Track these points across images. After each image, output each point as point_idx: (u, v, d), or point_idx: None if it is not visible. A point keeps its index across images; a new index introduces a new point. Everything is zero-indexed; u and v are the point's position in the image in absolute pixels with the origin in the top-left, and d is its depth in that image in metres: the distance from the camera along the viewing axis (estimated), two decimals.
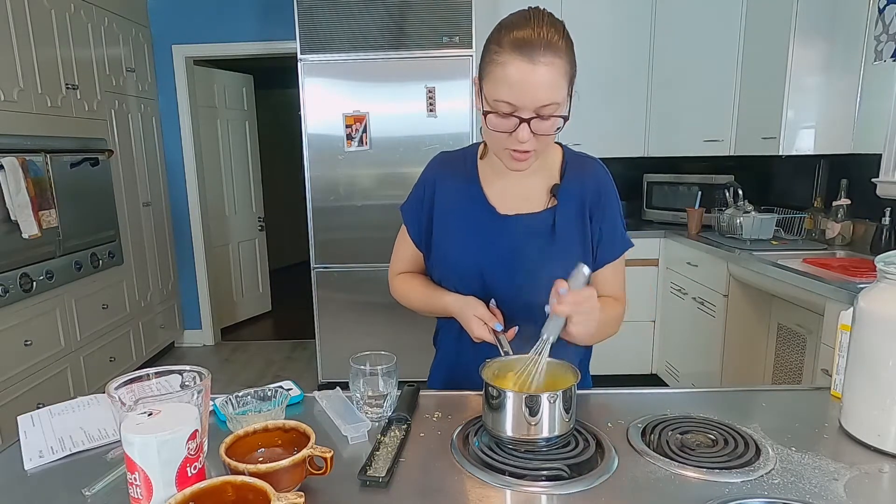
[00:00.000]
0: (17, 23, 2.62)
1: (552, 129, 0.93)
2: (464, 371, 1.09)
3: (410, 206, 1.17)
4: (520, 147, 0.94)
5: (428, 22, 3.02)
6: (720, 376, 2.72)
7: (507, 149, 0.97)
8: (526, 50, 0.89)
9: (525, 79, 0.89)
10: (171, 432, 0.66)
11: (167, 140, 4.05)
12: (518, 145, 0.94)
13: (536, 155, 0.97)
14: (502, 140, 0.96)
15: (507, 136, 0.94)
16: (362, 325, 3.33)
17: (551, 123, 0.93)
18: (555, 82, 0.90)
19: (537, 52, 0.88)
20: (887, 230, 2.40)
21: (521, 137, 0.93)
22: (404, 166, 3.16)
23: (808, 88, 2.61)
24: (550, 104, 0.91)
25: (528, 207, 1.08)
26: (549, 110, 0.91)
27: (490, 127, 0.95)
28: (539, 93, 0.90)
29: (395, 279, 1.23)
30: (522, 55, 0.89)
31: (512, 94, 0.90)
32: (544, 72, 0.89)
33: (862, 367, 0.88)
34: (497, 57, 0.91)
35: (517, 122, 0.92)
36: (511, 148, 0.96)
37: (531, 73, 0.89)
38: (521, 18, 0.93)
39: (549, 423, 0.83)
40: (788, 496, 0.73)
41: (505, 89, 0.91)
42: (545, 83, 0.90)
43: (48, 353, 2.79)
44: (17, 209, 2.50)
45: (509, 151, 0.97)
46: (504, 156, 0.99)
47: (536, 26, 0.90)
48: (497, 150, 1.00)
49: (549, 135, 0.94)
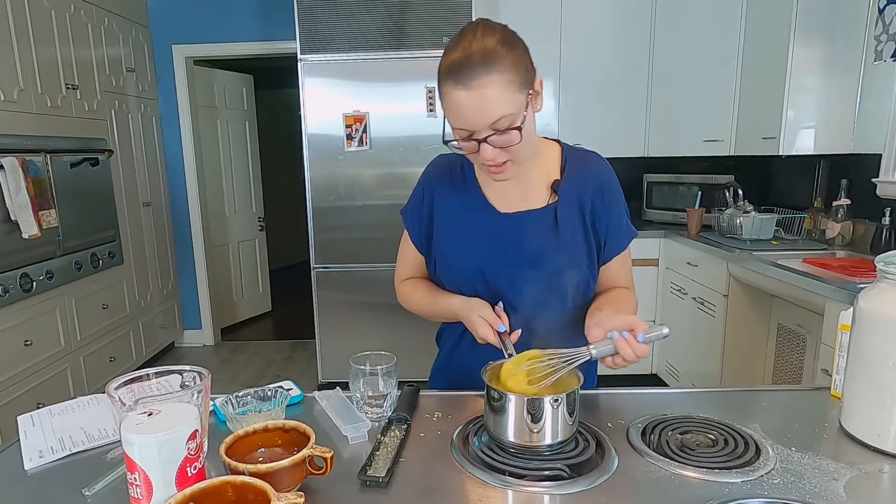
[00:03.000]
0: (17, 23, 2.62)
1: (514, 140, 0.92)
2: (466, 371, 1.09)
3: (411, 211, 1.17)
4: (489, 163, 0.95)
5: (428, 22, 3.02)
6: (720, 376, 2.72)
7: (482, 164, 0.97)
8: (460, 76, 0.88)
9: (467, 104, 0.89)
10: (171, 432, 0.66)
11: (167, 140, 4.05)
12: (487, 162, 0.95)
13: (514, 162, 0.97)
14: (474, 158, 0.97)
15: (477, 154, 0.95)
16: (362, 325, 3.33)
17: (511, 135, 0.92)
18: (498, 98, 0.88)
19: (470, 75, 0.87)
20: (887, 230, 2.40)
21: (485, 157, 0.93)
22: (404, 166, 3.16)
23: (808, 88, 2.61)
24: (501, 118, 0.90)
25: (528, 205, 1.08)
26: (503, 124, 0.90)
27: (459, 150, 0.96)
28: (484, 114, 0.89)
29: (402, 286, 1.22)
30: (457, 82, 0.88)
31: (460, 121, 0.91)
32: (483, 94, 0.88)
33: (862, 367, 0.88)
34: (441, 87, 0.92)
35: (476, 143, 0.92)
36: (484, 164, 0.97)
37: (470, 98, 0.88)
38: (454, 39, 0.92)
39: (552, 428, 0.82)
40: (788, 496, 0.73)
41: (455, 118, 0.92)
42: (487, 104, 0.88)
43: (48, 353, 2.79)
44: (17, 209, 2.50)
45: (486, 167, 0.97)
46: (484, 170, 1.00)
47: (467, 45, 0.89)
48: (477, 166, 1.02)
49: (513, 145, 0.93)
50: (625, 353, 0.88)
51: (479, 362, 0.93)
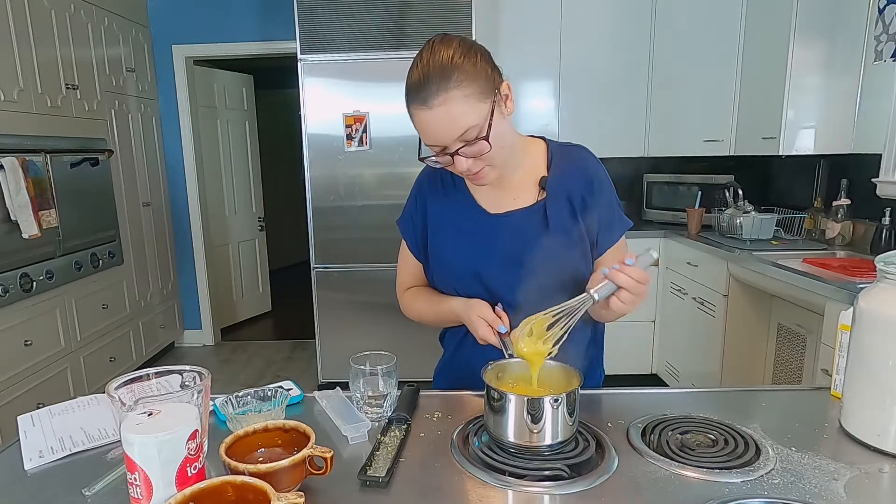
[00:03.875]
0: (17, 23, 2.62)
1: (484, 149, 0.94)
2: (469, 371, 1.09)
3: (406, 219, 1.19)
4: (466, 174, 0.98)
5: (428, 22, 3.02)
6: (720, 376, 2.72)
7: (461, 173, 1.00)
8: (419, 95, 0.90)
9: (430, 122, 0.91)
10: (171, 432, 0.66)
11: (167, 140, 4.05)
12: (464, 173, 0.98)
13: (492, 166, 0.99)
14: (453, 169, 0.99)
15: (452, 167, 0.97)
16: (362, 325, 3.33)
17: (480, 145, 0.93)
18: (460, 112, 0.90)
19: (430, 93, 0.89)
20: (887, 230, 2.40)
21: (460, 168, 0.96)
22: (404, 166, 3.16)
23: (808, 88, 2.61)
24: (468, 130, 0.91)
25: (518, 204, 1.08)
26: (470, 135, 0.92)
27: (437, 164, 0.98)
28: (449, 130, 0.91)
29: (404, 296, 1.23)
30: (418, 102, 0.91)
31: (430, 138, 0.94)
32: (444, 111, 0.90)
33: (862, 367, 0.88)
34: (407, 108, 0.94)
35: (450, 157, 0.95)
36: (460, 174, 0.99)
37: (433, 116, 0.90)
38: (414, 60, 0.94)
39: (552, 428, 0.82)
40: (788, 496, 0.73)
41: (423, 135, 0.95)
42: (450, 119, 0.90)
43: (48, 353, 2.79)
44: (17, 209, 2.50)
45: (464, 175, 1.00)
46: (466, 178, 1.03)
47: (424, 64, 0.91)
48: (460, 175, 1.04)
49: (484, 153, 0.94)
50: (620, 280, 0.88)
51: (481, 362, 0.93)
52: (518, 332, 0.90)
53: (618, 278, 0.88)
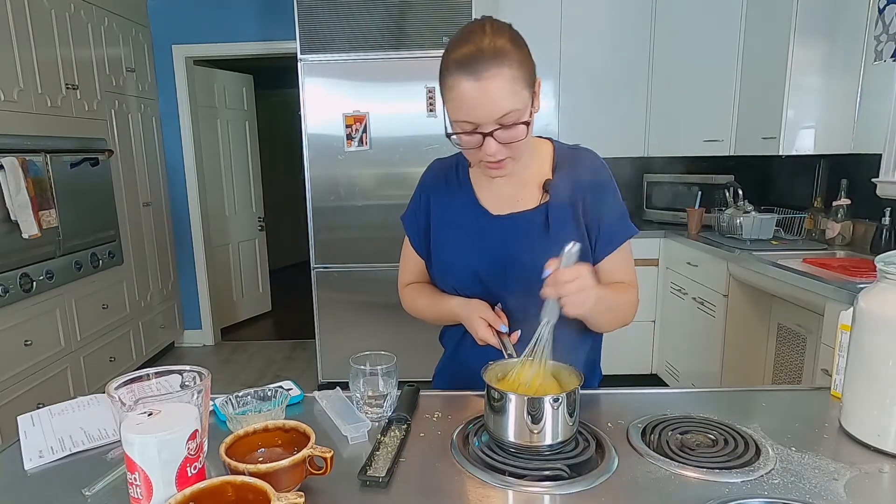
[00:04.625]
0: (17, 23, 2.62)
1: (519, 135, 0.93)
2: (469, 372, 1.09)
3: (410, 216, 1.18)
4: (491, 159, 0.95)
5: (428, 22, 3.02)
6: (720, 376, 2.72)
7: (481, 161, 0.97)
8: (469, 67, 0.88)
9: (476, 96, 0.89)
10: (171, 432, 0.66)
11: (167, 140, 4.05)
12: (489, 158, 0.95)
13: (513, 160, 0.97)
14: (474, 154, 0.97)
15: (477, 150, 0.95)
16: (362, 325, 3.33)
17: (517, 131, 0.92)
18: (507, 91, 0.89)
19: (481, 66, 0.88)
20: (887, 230, 2.40)
21: (488, 151, 0.93)
22: (404, 166, 3.16)
23: (808, 88, 2.61)
24: (509, 113, 0.90)
25: (520, 206, 1.08)
26: (510, 118, 0.91)
27: (460, 146, 0.96)
28: (493, 106, 0.90)
29: (404, 291, 1.23)
30: (467, 73, 0.88)
31: (468, 113, 0.91)
32: (493, 85, 0.88)
33: (862, 367, 0.88)
34: (447, 81, 0.92)
35: (481, 137, 0.92)
36: (484, 160, 0.96)
37: (480, 89, 0.88)
38: (463, 34, 0.93)
39: (553, 428, 0.82)
40: (788, 496, 0.73)
41: (461, 110, 0.91)
42: (497, 96, 0.89)
43: (48, 353, 2.79)
44: (17, 209, 2.50)
45: (484, 163, 0.97)
46: (482, 167, 1.00)
47: (477, 40, 0.89)
48: (474, 162, 1.01)
49: (517, 141, 0.94)
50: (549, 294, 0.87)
51: (481, 362, 0.93)
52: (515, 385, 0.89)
53: (547, 294, 0.88)
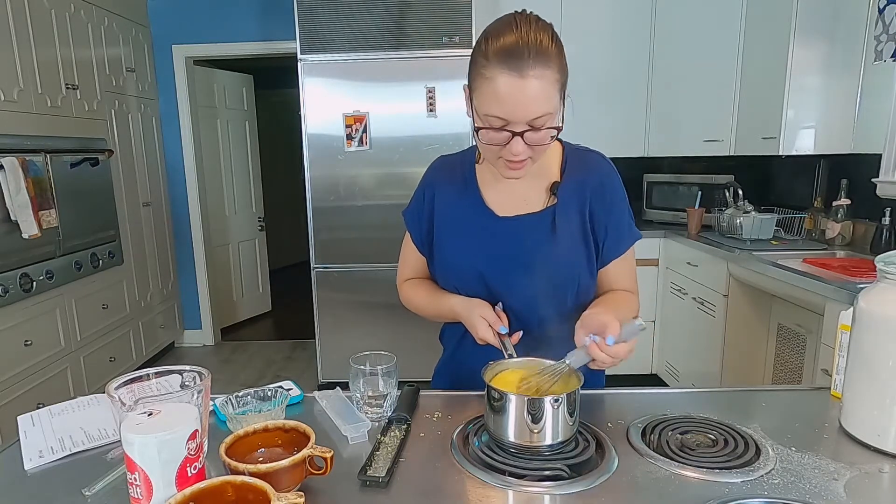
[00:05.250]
0: (17, 23, 2.62)
1: (546, 138, 0.91)
2: (469, 371, 1.09)
3: (412, 212, 1.17)
4: (514, 158, 0.92)
5: (428, 22, 3.02)
6: (720, 376, 2.72)
7: (501, 158, 0.95)
8: (513, 62, 0.85)
9: (515, 93, 0.86)
10: (171, 432, 0.66)
11: (167, 140, 4.05)
12: (512, 157, 0.92)
13: (532, 161, 0.96)
14: (496, 151, 0.94)
15: (501, 147, 0.92)
16: (362, 325, 3.33)
17: (545, 133, 0.90)
18: (546, 93, 0.87)
19: (526, 63, 0.84)
20: (887, 230, 2.40)
21: (515, 151, 0.91)
22: (404, 166, 3.16)
23: (808, 88, 2.61)
24: (543, 115, 0.88)
25: (527, 208, 1.07)
26: (542, 121, 0.89)
27: (483, 141, 0.93)
28: (531, 106, 0.87)
29: (403, 286, 1.22)
30: (510, 68, 0.85)
31: (502, 109, 0.87)
32: (535, 85, 0.85)
33: (862, 367, 0.88)
34: (484, 71, 0.88)
35: (510, 135, 0.89)
36: (506, 158, 0.94)
37: (521, 86, 0.85)
38: (507, 25, 0.89)
39: (553, 428, 0.82)
40: (788, 496, 0.73)
41: (495, 105, 0.88)
42: (536, 96, 0.86)
43: (48, 353, 2.79)
44: (17, 209, 2.50)
45: (504, 161, 0.95)
46: (499, 165, 0.97)
47: (523, 34, 0.86)
48: (491, 159, 0.98)
49: (544, 144, 0.92)
50: (597, 356, 0.87)
51: (481, 362, 0.92)
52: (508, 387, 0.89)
53: (595, 354, 0.87)
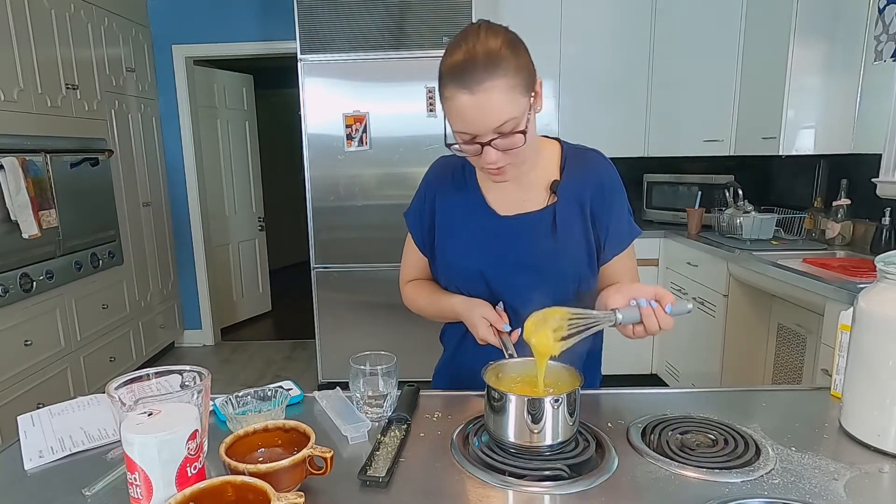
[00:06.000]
0: (17, 23, 2.62)
1: (517, 143, 0.92)
2: (469, 371, 1.09)
3: (413, 213, 1.18)
4: (491, 166, 0.94)
5: (428, 22, 3.02)
6: (720, 376, 2.72)
7: (482, 167, 0.97)
8: (464, 79, 0.86)
9: (471, 109, 0.88)
10: (171, 432, 0.66)
11: (167, 140, 4.05)
12: (489, 166, 0.94)
13: (515, 165, 0.97)
14: (476, 161, 0.97)
15: (478, 157, 0.94)
16: (362, 325, 3.33)
17: (515, 139, 0.91)
18: (503, 101, 0.88)
19: (474, 78, 0.86)
20: (887, 230, 2.40)
21: (488, 160, 0.93)
22: (404, 166, 3.16)
23: (808, 88, 2.61)
24: (506, 122, 0.89)
25: (527, 207, 1.08)
26: (507, 127, 0.90)
27: (460, 154, 0.96)
28: (489, 118, 0.88)
29: (406, 288, 1.23)
30: (461, 85, 0.87)
31: (465, 125, 0.90)
32: (489, 97, 0.86)
33: (862, 367, 0.88)
34: (444, 90, 0.90)
35: (479, 147, 0.91)
36: (485, 168, 0.96)
37: (475, 102, 0.87)
38: (457, 42, 0.91)
39: (553, 428, 0.82)
40: (788, 496, 0.73)
41: (458, 121, 0.90)
42: (493, 107, 0.87)
43: (48, 353, 2.79)
44: (17, 209, 2.50)
45: (486, 169, 0.97)
46: (485, 172, 1.00)
47: (470, 48, 0.88)
48: (478, 168, 1.01)
49: (517, 148, 0.93)
50: (649, 323, 0.87)
51: (482, 362, 0.92)
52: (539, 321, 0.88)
53: (648, 320, 0.87)
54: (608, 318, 0.88)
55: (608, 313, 0.88)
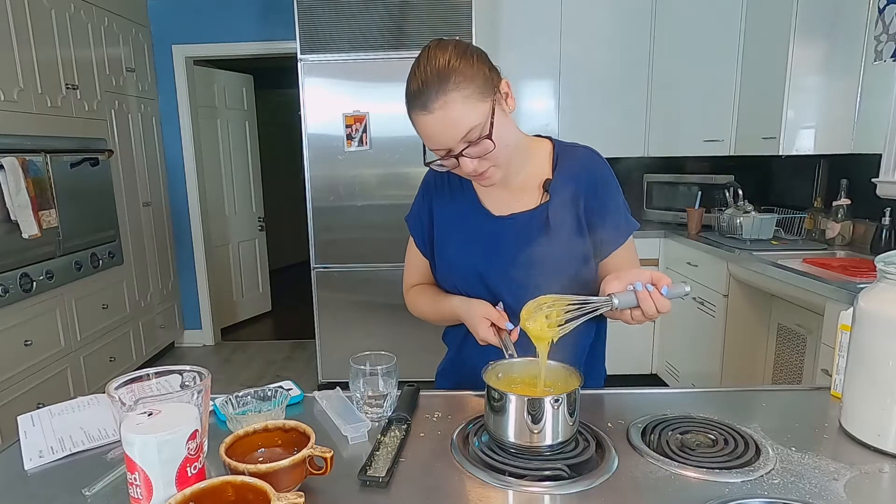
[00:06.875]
0: (17, 23, 2.62)
1: (488, 147, 0.94)
2: (471, 371, 1.10)
3: (413, 216, 1.19)
4: (473, 174, 0.98)
5: (428, 22, 3.02)
6: (720, 376, 2.72)
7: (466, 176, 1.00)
8: (420, 100, 0.91)
9: (433, 127, 0.92)
10: (171, 432, 0.66)
11: (167, 140, 4.05)
12: (470, 173, 0.98)
13: (497, 166, 0.99)
14: (457, 171, 0.99)
15: (458, 168, 0.97)
16: (362, 325, 3.33)
17: (485, 143, 0.93)
18: (462, 112, 0.91)
19: (429, 98, 0.90)
20: (887, 230, 2.40)
21: (467, 170, 0.96)
22: (404, 166, 3.16)
23: (808, 88, 2.61)
24: (470, 130, 0.92)
25: (521, 206, 1.08)
26: (474, 135, 0.93)
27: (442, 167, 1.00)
28: (451, 132, 0.92)
29: (409, 293, 1.24)
30: (421, 107, 0.92)
31: (433, 142, 0.95)
32: (445, 113, 0.90)
33: (862, 367, 0.88)
34: (410, 116, 0.95)
35: (454, 159, 0.95)
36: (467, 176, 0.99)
37: (434, 121, 0.91)
38: (412, 67, 0.95)
39: (553, 428, 0.82)
40: (788, 496, 0.73)
41: (428, 140, 0.95)
42: (452, 122, 0.91)
43: (48, 353, 2.79)
44: (17, 209, 2.50)
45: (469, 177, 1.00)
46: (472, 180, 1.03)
47: (422, 70, 0.92)
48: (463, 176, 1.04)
49: (489, 152, 0.95)
50: (646, 306, 0.88)
51: (484, 362, 0.93)
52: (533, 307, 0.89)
53: (645, 303, 0.88)
54: (605, 303, 0.89)
55: (605, 298, 0.89)
